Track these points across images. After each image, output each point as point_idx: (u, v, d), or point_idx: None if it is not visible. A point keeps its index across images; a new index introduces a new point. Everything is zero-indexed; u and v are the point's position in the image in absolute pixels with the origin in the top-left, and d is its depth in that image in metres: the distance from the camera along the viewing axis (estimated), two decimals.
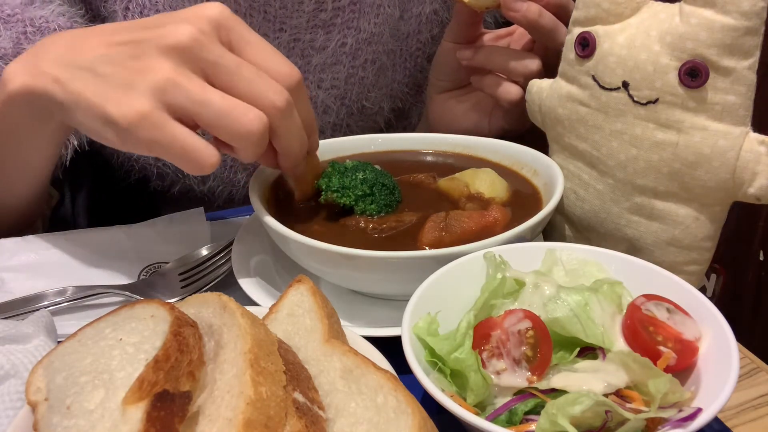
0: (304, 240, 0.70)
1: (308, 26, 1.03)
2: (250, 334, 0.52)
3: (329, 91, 1.10)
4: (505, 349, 0.59)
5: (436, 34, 1.18)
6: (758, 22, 0.65)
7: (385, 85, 1.17)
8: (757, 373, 0.71)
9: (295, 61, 1.04)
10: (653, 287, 0.64)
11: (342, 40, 1.06)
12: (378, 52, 1.11)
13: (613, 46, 0.72)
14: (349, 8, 1.05)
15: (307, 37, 1.04)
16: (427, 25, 1.15)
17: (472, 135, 0.94)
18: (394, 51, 1.14)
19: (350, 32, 1.06)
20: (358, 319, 0.74)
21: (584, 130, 0.76)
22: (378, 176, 0.80)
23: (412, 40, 1.16)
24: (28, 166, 0.83)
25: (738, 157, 0.67)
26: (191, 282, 0.80)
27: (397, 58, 1.16)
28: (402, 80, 1.19)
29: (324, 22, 1.04)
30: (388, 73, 1.15)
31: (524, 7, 0.86)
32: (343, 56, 1.08)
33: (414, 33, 1.15)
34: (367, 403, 0.52)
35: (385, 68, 1.14)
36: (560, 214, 0.83)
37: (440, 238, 0.74)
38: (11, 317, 0.72)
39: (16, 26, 0.86)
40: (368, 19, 1.07)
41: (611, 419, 0.53)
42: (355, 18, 1.06)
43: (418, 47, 1.17)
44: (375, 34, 1.08)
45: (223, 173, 1.09)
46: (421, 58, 1.19)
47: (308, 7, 1.02)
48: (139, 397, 0.47)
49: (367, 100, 1.14)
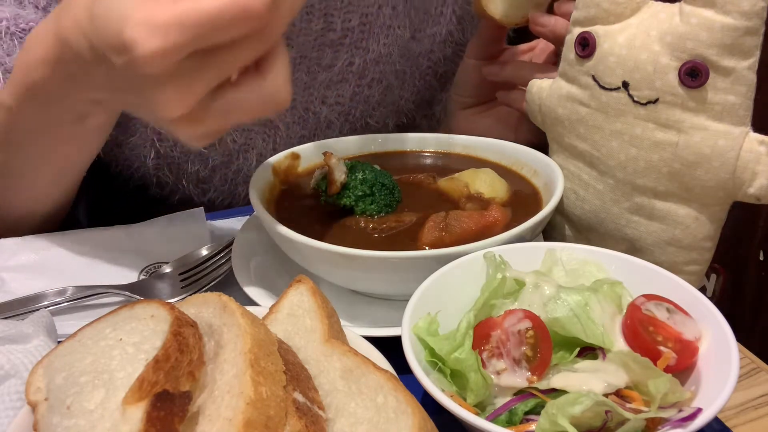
0: (305, 240, 0.70)
1: (316, 44, 1.01)
2: (250, 334, 0.52)
3: (333, 107, 1.09)
4: (505, 349, 0.59)
5: (449, 54, 1.16)
6: (758, 22, 0.65)
7: (391, 103, 1.15)
8: (757, 373, 0.71)
9: (300, 77, 1.03)
10: (653, 287, 0.64)
11: (350, 59, 1.05)
12: (386, 71, 1.10)
13: (613, 46, 0.72)
14: (359, 29, 1.03)
15: (314, 54, 1.02)
16: (440, 45, 1.14)
17: None
18: (402, 71, 1.13)
19: (358, 52, 1.05)
20: (358, 319, 0.74)
21: (584, 130, 0.76)
22: (378, 176, 0.80)
23: (422, 60, 1.14)
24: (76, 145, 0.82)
25: (738, 157, 0.67)
26: (191, 282, 0.80)
27: (407, 77, 1.14)
28: (409, 98, 1.18)
29: (332, 41, 1.02)
30: (395, 91, 1.14)
31: (552, 21, 0.87)
32: (349, 75, 1.07)
33: (426, 53, 1.13)
34: (367, 403, 0.52)
35: (392, 87, 1.13)
36: (560, 214, 0.83)
37: (440, 238, 0.75)
38: (11, 317, 0.72)
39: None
40: (377, 40, 1.05)
41: (611, 419, 0.53)
42: (364, 38, 1.04)
43: (429, 66, 1.16)
44: (384, 54, 1.07)
45: (224, 185, 1.09)
46: (431, 76, 1.18)
47: (317, 26, 1.00)
48: (139, 397, 0.47)
49: (371, 118, 1.13)
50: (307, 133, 1.09)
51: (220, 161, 1.05)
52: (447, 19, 1.13)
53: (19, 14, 0.86)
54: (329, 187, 0.79)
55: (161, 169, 1.05)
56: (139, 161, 1.04)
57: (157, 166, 1.04)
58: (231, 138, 1.03)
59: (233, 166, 1.07)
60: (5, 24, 0.85)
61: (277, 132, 1.06)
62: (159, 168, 1.05)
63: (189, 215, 0.92)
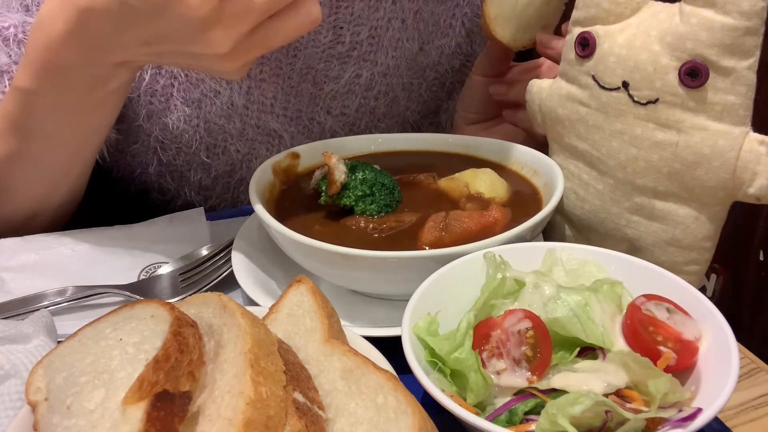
0: (305, 240, 0.70)
1: (323, 56, 1.00)
2: (250, 334, 0.52)
3: (338, 118, 1.08)
4: (505, 349, 0.59)
5: (457, 66, 1.16)
6: (758, 22, 0.65)
7: (396, 114, 1.14)
8: (757, 373, 0.71)
9: (306, 88, 1.02)
10: (653, 287, 0.64)
11: (357, 72, 1.04)
12: (393, 84, 1.09)
13: (613, 46, 0.72)
14: (368, 42, 1.02)
15: (321, 66, 1.01)
16: (448, 57, 1.13)
17: None
18: (410, 83, 1.12)
19: (366, 65, 1.04)
20: (358, 319, 0.74)
21: (584, 130, 0.76)
22: (378, 176, 0.80)
23: (430, 71, 1.13)
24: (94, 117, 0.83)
25: (738, 157, 0.67)
26: (191, 282, 0.80)
27: (413, 89, 1.13)
28: (415, 108, 1.17)
29: (340, 54, 1.01)
30: (401, 103, 1.13)
31: (560, 44, 0.85)
32: (356, 87, 1.06)
33: (433, 65, 1.13)
34: (367, 403, 0.52)
35: (398, 99, 1.12)
36: (560, 214, 0.83)
37: (440, 238, 0.74)
38: (11, 317, 0.72)
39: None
40: (386, 53, 1.04)
41: (611, 419, 0.53)
42: (373, 51, 1.03)
43: (436, 77, 1.15)
44: (392, 67, 1.06)
45: (227, 194, 1.09)
46: (437, 87, 1.17)
47: (325, 39, 0.99)
48: (139, 397, 0.47)
49: (376, 129, 1.12)
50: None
51: (223, 170, 1.05)
52: (456, 31, 1.12)
53: (27, 21, 0.86)
54: (329, 187, 0.79)
55: (163, 176, 1.05)
56: (141, 168, 1.04)
57: (160, 173, 1.04)
58: (234, 148, 1.03)
59: (236, 175, 1.06)
60: (12, 31, 0.85)
61: (281, 141, 1.05)
62: (161, 175, 1.05)
63: (189, 215, 0.92)
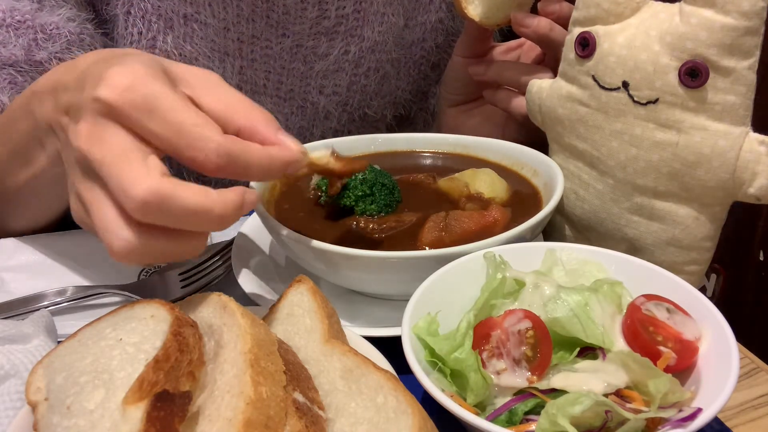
0: (305, 240, 0.70)
1: (311, 33, 1.03)
2: (250, 334, 0.52)
3: (331, 97, 1.10)
4: (505, 349, 0.59)
5: (441, 43, 1.17)
6: (758, 22, 0.65)
7: (388, 93, 1.16)
8: (757, 373, 0.71)
9: (297, 67, 1.04)
10: (653, 287, 0.64)
11: (345, 47, 1.06)
12: (381, 60, 1.11)
13: (613, 46, 0.72)
14: (353, 16, 1.04)
15: (310, 43, 1.04)
16: (432, 33, 1.15)
17: None
18: (398, 59, 1.14)
19: (353, 40, 1.06)
20: (358, 319, 0.74)
21: (584, 130, 0.76)
22: (378, 176, 0.80)
23: (416, 48, 1.15)
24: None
25: (738, 157, 0.67)
26: (191, 282, 0.80)
27: (401, 66, 1.15)
28: (405, 88, 1.19)
29: (327, 29, 1.03)
30: (391, 81, 1.15)
31: (535, 22, 0.86)
32: (345, 64, 1.08)
33: (418, 41, 1.15)
34: (367, 403, 0.52)
35: (388, 76, 1.14)
36: (560, 214, 0.83)
37: (440, 238, 0.74)
38: (11, 317, 0.72)
39: (27, 33, 0.86)
40: (372, 28, 1.06)
41: (611, 419, 0.53)
42: (359, 26, 1.05)
43: (422, 55, 1.17)
44: (378, 42, 1.08)
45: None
46: (425, 66, 1.19)
47: (311, 14, 1.01)
48: (139, 397, 0.47)
49: (369, 108, 1.14)
50: (305, 124, 1.09)
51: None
52: (437, 6, 1.14)
53: (15, 7, 0.87)
54: (329, 187, 0.79)
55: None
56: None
57: None
58: None
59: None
60: (1, 16, 0.86)
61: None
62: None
63: None
